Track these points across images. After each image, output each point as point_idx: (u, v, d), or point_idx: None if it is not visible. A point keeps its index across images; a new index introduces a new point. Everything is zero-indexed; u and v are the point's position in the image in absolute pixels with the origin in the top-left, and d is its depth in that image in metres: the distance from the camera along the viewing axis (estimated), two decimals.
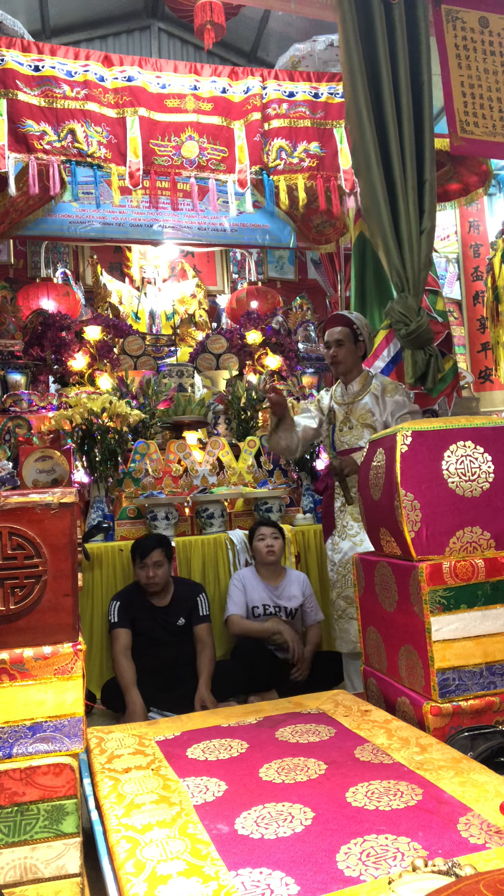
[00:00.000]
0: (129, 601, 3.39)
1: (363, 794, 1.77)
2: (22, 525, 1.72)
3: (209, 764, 2.06)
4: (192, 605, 3.44)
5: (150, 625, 3.37)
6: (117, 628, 3.31)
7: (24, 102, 3.46)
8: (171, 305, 6.96)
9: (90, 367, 5.56)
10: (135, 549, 3.46)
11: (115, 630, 3.31)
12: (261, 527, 3.70)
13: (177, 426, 5.02)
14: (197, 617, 3.43)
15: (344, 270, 6.03)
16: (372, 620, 2.76)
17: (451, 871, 1.18)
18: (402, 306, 3.31)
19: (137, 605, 3.39)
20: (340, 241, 5.65)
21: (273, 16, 6.58)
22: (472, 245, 6.65)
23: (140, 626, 3.35)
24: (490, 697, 2.28)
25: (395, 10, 3.33)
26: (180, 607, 3.43)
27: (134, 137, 3.65)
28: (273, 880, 1.42)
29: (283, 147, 3.87)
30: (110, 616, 3.36)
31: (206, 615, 3.46)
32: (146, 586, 3.37)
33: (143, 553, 3.38)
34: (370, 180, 3.25)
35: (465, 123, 3.48)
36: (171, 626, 3.39)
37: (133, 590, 3.46)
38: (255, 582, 3.61)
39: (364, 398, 3.38)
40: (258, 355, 6.19)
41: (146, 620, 3.36)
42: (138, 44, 7.17)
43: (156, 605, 3.40)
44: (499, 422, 2.54)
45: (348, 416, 3.42)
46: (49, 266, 6.93)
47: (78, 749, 1.70)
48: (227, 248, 7.34)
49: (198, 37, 4.68)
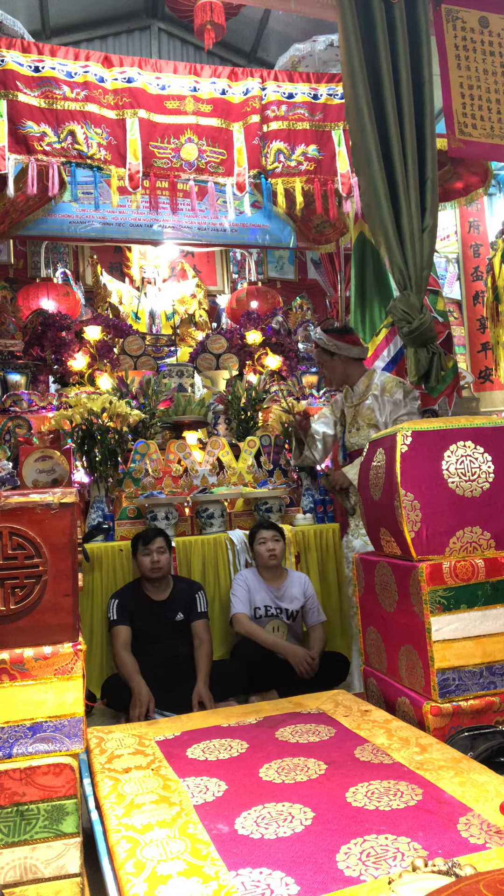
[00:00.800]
0: (128, 598, 3.42)
1: (363, 794, 1.77)
2: (22, 525, 1.72)
3: (209, 764, 2.07)
4: (190, 602, 3.47)
5: (149, 620, 3.38)
6: (117, 625, 3.34)
7: (24, 103, 3.46)
8: (171, 305, 6.96)
9: (90, 367, 5.56)
10: (136, 538, 3.52)
11: (115, 627, 3.34)
12: (261, 530, 3.69)
13: (177, 426, 5.02)
14: (195, 613, 3.46)
15: (344, 270, 6.03)
16: (372, 620, 2.76)
17: (451, 871, 1.18)
18: (405, 304, 3.31)
19: (136, 600, 3.42)
20: (340, 241, 5.65)
21: (273, 16, 6.58)
22: (472, 245, 6.65)
23: (139, 621, 3.37)
24: (490, 697, 2.28)
25: (395, 10, 3.32)
26: (179, 602, 3.45)
27: (133, 139, 3.65)
28: (273, 880, 1.42)
29: (282, 150, 3.87)
30: (109, 614, 3.39)
31: (205, 611, 3.48)
32: (150, 572, 3.39)
33: (147, 539, 3.46)
34: (371, 178, 3.25)
35: (464, 125, 3.48)
36: (170, 621, 3.41)
37: (131, 587, 3.48)
38: (257, 583, 3.61)
39: (367, 399, 3.46)
40: (258, 355, 6.19)
41: (145, 615, 3.38)
42: (138, 44, 7.17)
43: (154, 599, 3.42)
44: (499, 422, 2.54)
45: (356, 417, 3.52)
46: (49, 266, 6.93)
47: (78, 749, 1.70)
48: (227, 248, 7.34)
49: (198, 37, 4.68)
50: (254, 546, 3.68)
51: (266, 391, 5.18)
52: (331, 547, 4.02)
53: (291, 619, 3.60)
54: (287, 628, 3.59)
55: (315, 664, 3.36)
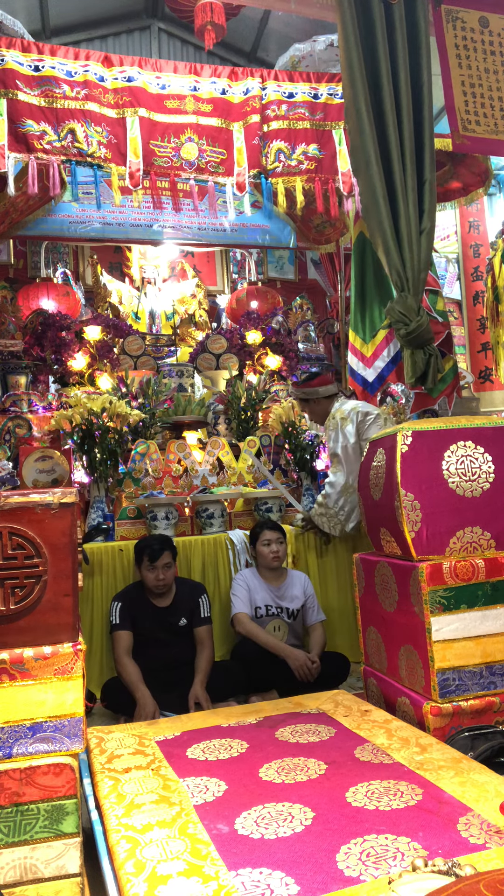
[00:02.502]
0: (131, 601, 3.38)
1: (363, 794, 1.77)
2: (22, 525, 1.72)
3: (209, 764, 2.06)
4: (193, 606, 3.43)
5: (152, 625, 3.36)
6: (119, 630, 3.30)
7: (23, 102, 3.46)
8: (171, 305, 6.96)
9: (90, 367, 5.56)
10: (141, 549, 3.41)
11: (117, 632, 3.30)
12: (266, 530, 3.66)
13: (177, 426, 5.02)
14: (198, 619, 3.42)
15: (344, 270, 6.03)
16: (372, 620, 2.76)
17: (451, 871, 1.18)
18: (402, 306, 3.32)
19: (139, 605, 3.38)
20: (340, 241, 5.66)
21: (273, 16, 6.58)
22: (472, 245, 6.65)
23: (141, 626, 3.34)
24: (490, 697, 2.28)
25: (395, 11, 3.32)
26: (182, 608, 3.42)
27: (134, 138, 3.65)
28: (273, 880, 1.42)
29: (282, 149, 3.87)
30: (112, 617, 3.35)
31: (208, 616, 3.45)
32: (154, 588, 3.36)
33: (153, 556, 3.35)
34: (370, 180, 3.25)
35: (467, 122, 3.48)
36: (173, 626, 3.39)
37: (134, 590, 3.44)
38: (258, 583, 3.60)
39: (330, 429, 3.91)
40: (258, 355, 6.19)
41: (147, 621, 3.36)
42: (138, 44, 7.17)
43: (158, 605, 3.40)
44: (499, 422, 2.54)
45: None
46: (49, 266, 6.93)
47: (78, 749, 1.70)
48: (227, 248, 7.34)
49: (198, 37, 4.68)
50: (256, 546, 3.66)
51: (266, 391, 5.18)
52: (331, 547, 4.02)
53: (292, 619, 3.59)
54: (288, 627, 3.59)
55: (316, 668, 3.34)
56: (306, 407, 4.09)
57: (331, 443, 3.83)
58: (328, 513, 3.81)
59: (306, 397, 4.05)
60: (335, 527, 3.82)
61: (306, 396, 4.05)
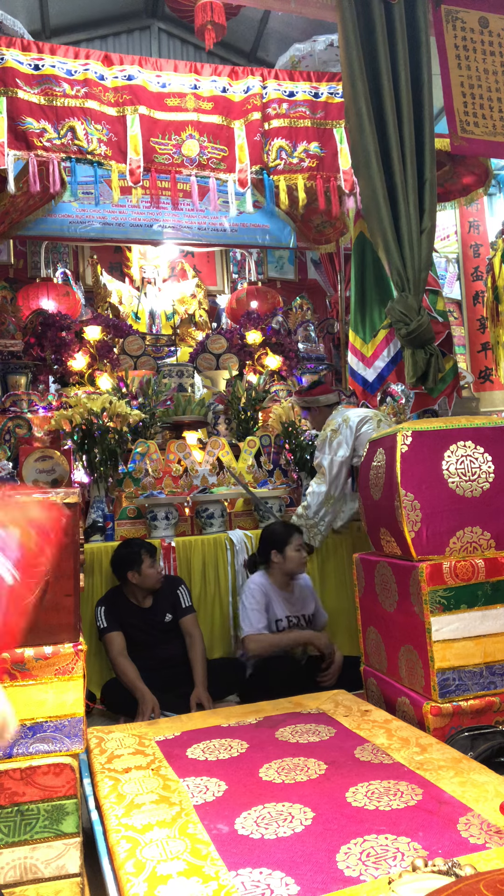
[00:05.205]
0: (115, 604, 3.38)
1: (363, 794, 1.77)
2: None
3: (209, 764, 2.07)
4: (174, 600, 3.44)
5: (140, 627, 3.37)
6: (109, 632, 3.30)
7: (23, 100, 3.46)
8: (171, 305, 6.96)
9: (90, 367, 5.56)
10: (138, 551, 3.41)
11: (108, 635, 3.30)
12: (296, 534, 3.45)
13: (177, 426, 5.02)
14: (181, 610, 3.43)
15: (344, 270, 6.03)
16: (372, 620, 2.76)
17: (451, 871, 1.18)
18: (403, 306, 3.31)
19: (123, 608, 3.38)
20: (340, 241, 5.65)
21: (273, 16, 6.58)
22: (472, 245, 6.65)
23: (129, 629, 3.34)
24: (490, 697, 2.28)
25: (395, 10, 3.32)
26: (164, 604, 3.43)
27: (134, 135, 3.65)
28: (273, 880, 1.42)
29: (283, 147, 3.87)
30: (98, 622, 3.31)
31: (190, 605, 3.46)
32: (157, 583, 3.38)
33: (152, 551, 3.43)
34: (370, 179, 3.25)
35: (466, 123, 3.48)
36: (160, 624, 3.39)
37: (116, 594, 3.44)
38: (275, 593, 3.41)
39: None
40: (258, 355, 6.19)
41: (135, 623, 3.36)
42: (138, 44, 7.16)
43: (141, 606, 3.41)
44: (499, 422, 2.54)
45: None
46: (49, 266, 6.92)
47: (78, 749, 1.70)
48: (227, 248, 7.34)
49: (198, 37, 4.68)
50: (285, 550, 3.37)
51: (266, 391, 5.18)
52: (331, 547, 4.01)
53: (308, 624, 3.51)
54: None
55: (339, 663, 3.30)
56: (309, 414, 4.20)
57: (318, 452, 3.87)
58: (307, 523, 3.78)
59: (307, 405, 4.15)
60: (314, 537, 3.79)
61: (307, 405, 4.15)
